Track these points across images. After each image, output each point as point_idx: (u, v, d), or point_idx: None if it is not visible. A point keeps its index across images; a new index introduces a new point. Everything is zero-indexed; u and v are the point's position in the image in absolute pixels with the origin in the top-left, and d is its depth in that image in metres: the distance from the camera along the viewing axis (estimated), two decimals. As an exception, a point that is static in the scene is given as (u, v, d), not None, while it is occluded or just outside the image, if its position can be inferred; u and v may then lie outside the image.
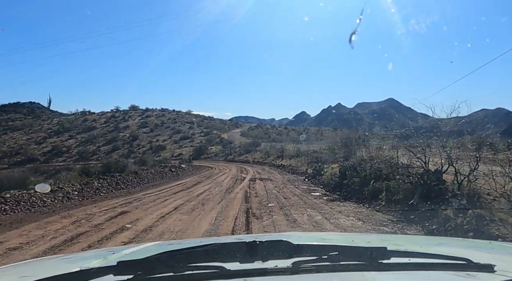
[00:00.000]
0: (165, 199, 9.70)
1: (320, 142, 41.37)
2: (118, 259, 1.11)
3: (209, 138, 52.02)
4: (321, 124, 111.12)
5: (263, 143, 39.68)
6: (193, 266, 0.96)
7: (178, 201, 9.15)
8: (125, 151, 50.25)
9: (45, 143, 59.51)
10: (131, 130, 60.76)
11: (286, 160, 27.06)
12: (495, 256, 1.29)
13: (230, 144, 43.72)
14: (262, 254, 1.01)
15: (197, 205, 8.55)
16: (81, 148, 55.49)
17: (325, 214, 7.31)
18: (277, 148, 32.29)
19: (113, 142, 55.57)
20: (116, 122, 66.93)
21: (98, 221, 6.71)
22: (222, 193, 11.11)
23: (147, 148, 51.06)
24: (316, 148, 27.54)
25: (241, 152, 37.52)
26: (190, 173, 20.56)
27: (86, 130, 63.76)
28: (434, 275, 1.00)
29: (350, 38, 3.27)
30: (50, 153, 55.71)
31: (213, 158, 38.51)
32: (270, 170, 22.38)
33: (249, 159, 32.61)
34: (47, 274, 0.98)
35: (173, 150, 47.45)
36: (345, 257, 1.03)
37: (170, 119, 68.77)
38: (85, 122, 68.73)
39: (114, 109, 75.10)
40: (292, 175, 18.75)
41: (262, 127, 75.69)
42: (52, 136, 62.94)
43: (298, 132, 75.02)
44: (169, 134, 58.72)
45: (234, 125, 74.98)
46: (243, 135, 55.78)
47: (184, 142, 52.72)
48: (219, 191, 11.74)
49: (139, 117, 70.12)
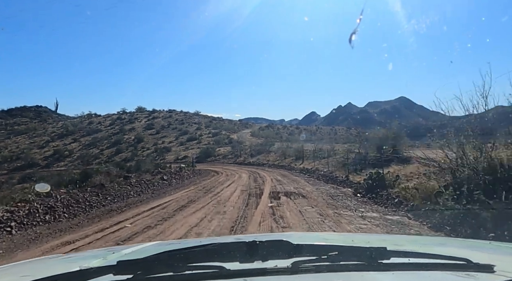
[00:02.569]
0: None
1: (334, 141, 36.02)
2: (117, 259, 1.07)
3: (218, 139, 46.77)
4: (332, 124, 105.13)
5: (277, 143, 33.88)
6: (193, 266, 0.93)
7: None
8: (128, 154, 45.89)
9: (48, 147, 55.13)
10: (137, 132, 56.02)
11: (308, 162, 21.34)
12: (495, 256, 1.24)
13: (240, 145, 38.10)
14: (262, 254, 0.98)
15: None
16: (83, 151, 51.03)
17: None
18: (295, 149, 26.57)
19: (117, 145, 50.97)
20: (121, 124, 62.27)
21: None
22: (223, 230, 5.56)
23: (151, 151, 46.46)
24: (339, 148, 22.07)
25: (252, 153, 31.92)
26: (187, 182, 15.05)
27: (90, 133, 59.45)
28: (434, 275, 0.97)
29: (350, 38, 3.13)
30: (52, 157, 51.38)
31: (221, 160, 33.03)
32: (292, 177, 16.67)
33: (262, 161, 26.91)
34: (47, 273, 0.96)
35: (179, 152, 42.51)
36: (345, 257, 1.00)
37: (177, 120, 63.96)
38: (90, 124, 64.34)
39: (121, 111, 70.40)
40: (327, 184, 13.03)
41: (273, 127, 70.40)
42: (56, 139, 58.78)
43: (311, 132, 69.69)
44: (175, 135, 53.97)
45: (243, 126, 69.67)
46: (253, 136, 50.81)
47: (191, 144, 47.82)
48: (218, 224, 6.20)
49: (145, 119, 65.46)
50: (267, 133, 54.70)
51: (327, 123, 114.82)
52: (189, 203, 9.11)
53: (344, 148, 22.62)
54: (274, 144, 33.40)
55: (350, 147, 18.41)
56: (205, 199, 9.75)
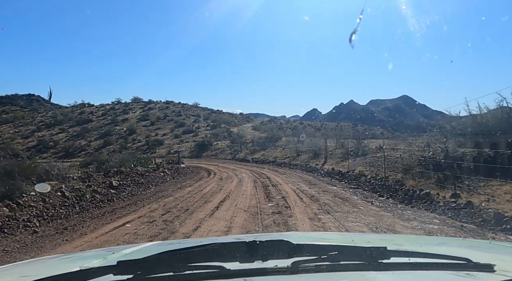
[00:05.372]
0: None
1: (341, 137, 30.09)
2: (118, 259, 1.05)
3: (216, 132, 40.86)
4: (334, 121, 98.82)
5: (284, 137, 27.83)
6: (193, 266, 0.91)
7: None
8: (117, 147, 40.07)
9: (32, 137, 49.19)
10: (130, 123, 50.07)
11: (334, 161, 15.30)
12: (495, 256, 1.22)
13: (241, 139, 32.05)
14: (262, 254, 0.96)
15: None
16: (70, 142, 45.15)
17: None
18: (308, 144, 20.56)
19: (106, 136, 45.10)
20: (114, 115, 56.22)
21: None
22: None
23: (142, 144, 40.59)
24: (369, 143, 16.19)
25: (255, 148, 26.05)
26: (151, 194, 9.09)
27: (80, 123, 53.45)
28: (434, 275, 0.95)
29: (350, 38, 2.90)
30: (34, 148, 45.44)
31: (218, 156, 27.17)
32: (326, 185, 10.53)
33: (268, 158, 20.92)
34: (47, 273, 0.93)
35: (172, 146, 36.53)
36: (345, 257, 0.98)
37: (174, 112, 58.10)
38: (82, 114, 58.32)
39: (115, 101, 64.37)
40: (425, 214, 6.78)
41: (276, 121, 64.32)
42: (43, 129, 52.89)
43: (315, 128, 63.49)
44: (171, 127, 48.14)
45: (245, 120, 63.74)
46: (255, 130, 44.72)
47: (186, 137, 42.00)
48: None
49: (140, 110, 59.44)
50: (269, 127, 48.74)
51: (328, 120, 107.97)
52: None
53: (375, 145, 16.62)
54: (281, 138, 27.41)
55: (420, 143, 12.26)
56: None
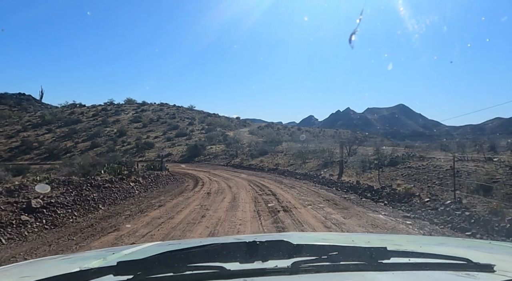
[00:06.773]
0: None
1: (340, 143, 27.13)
2: (118, 259, 1.04)
3: (211, 135, 37.84)
4: (331, 127, 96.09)
5: (285, 142, 24.80)
6: (193, 266, 0.90)
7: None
8: (104, 149, 36.87)
9: (17, 137, 45.68)
10: (121, 125, 46.82)
11: (355, 172, 12.29)
12: (495, 256, 1.20)
13: (237, 143, 28.97)
14: (262, 254, 0.95)
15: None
16: (56, 144, 41.74)
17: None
18: (314, 150, 17.56)
19: (95, 138, 41.80)
20: (106, 116, 52.92)
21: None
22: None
23: (132, 146, 37.41)
24: (387, 149, 13.26)
25: (253, 153, 23.14)
26: (86, 224, 6.06)
27: (69, 123, 50.09)
28: (434, 275, 0.94)
29: (350, 38, 3.00)
30: (17, 149, 41.95)
31: (211, 161, 24.17)
32: (364, 212, 7.22)
33: (269, 165, 17.85)
34: (47, 274, 0.93)
35: (162, 149, 33.19)
36: (345, 257, 0.97)
37: (168, 115, 55.09)
38: (71, 115, 54.91)
39: (108, 102, 61.13)
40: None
41: (273, 127, 61.39)
42: (29, 129, 49.40)
43: (313, 134, 60.58)
44: (163, 130, 45.07)
45: (241, 124, 60.71)
46: (252, 134, 41.77)
47: (179, 140, 38.94)
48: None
49: (133, 111, 56.20)
50: (267, 132, 45.79)
51: (325, 127, 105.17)
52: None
53: (391, 148, 13.70)
54: (282, 143, 24.42)
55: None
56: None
